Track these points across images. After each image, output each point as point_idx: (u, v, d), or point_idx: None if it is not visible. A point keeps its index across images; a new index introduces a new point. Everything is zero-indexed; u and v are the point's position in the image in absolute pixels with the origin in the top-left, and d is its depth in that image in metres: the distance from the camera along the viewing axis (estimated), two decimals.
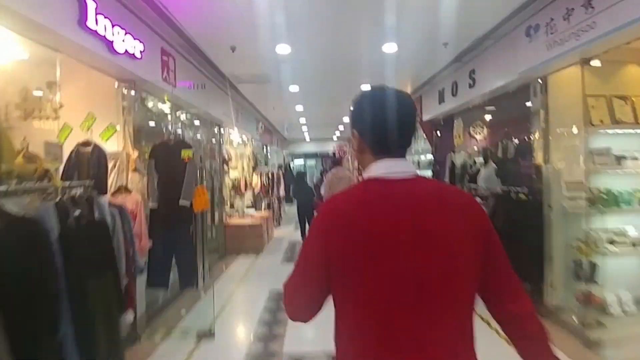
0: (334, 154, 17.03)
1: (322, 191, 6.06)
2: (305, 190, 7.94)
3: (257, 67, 5.26)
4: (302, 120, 10.77)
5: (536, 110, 3.85)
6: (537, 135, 3.89)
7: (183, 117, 5.37)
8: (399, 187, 0.90)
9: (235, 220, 7.07)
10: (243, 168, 9.13)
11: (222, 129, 6.55)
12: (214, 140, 6.32)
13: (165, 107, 4.61)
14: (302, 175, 8.60)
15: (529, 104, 4.05)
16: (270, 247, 7.35)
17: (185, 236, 4.04)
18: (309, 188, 8.19)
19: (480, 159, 5.72)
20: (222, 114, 6.14)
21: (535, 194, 3.80)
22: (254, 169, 9.68)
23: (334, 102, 8.02)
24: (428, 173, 7.53)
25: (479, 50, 4.66)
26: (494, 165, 5.14)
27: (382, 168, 0.93)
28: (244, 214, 7.66)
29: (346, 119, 12.61)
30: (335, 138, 15.85)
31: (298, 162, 20.41)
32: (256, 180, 9.58)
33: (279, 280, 1.47)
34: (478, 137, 6.67)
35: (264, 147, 12.20)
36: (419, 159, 8.26)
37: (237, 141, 8.75)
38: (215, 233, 6.48)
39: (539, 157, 3.84)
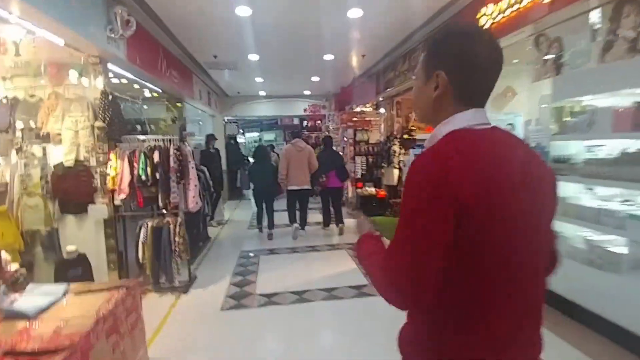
0: (302, 120, 11.30)
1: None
2: (268, 171, 5.54)
3: None
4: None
5: None
6: None
7: None
8: (496, 136, 0.80)
9: None
10: (70, 137, 3.18)
11: None
12: None
13: None
14: (263, 150, 5.94)
15: None
16: None
17: None
18: (273, 169, 5.65)
19: None
20: None
21: None
22: (107, 139, 3.64)
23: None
24: None
25: None
26: None
27: (474, 118, 0.80)
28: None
29: (315, 78, 7.77)
30: (307, 93, 9.93)
31: (250, 136, 14.28)
32: (117, 171, 3.63)
33: None
34: None
35: (177, 102, 6.08)
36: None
37: (18, 40, 2.69)
38: None
39: None
